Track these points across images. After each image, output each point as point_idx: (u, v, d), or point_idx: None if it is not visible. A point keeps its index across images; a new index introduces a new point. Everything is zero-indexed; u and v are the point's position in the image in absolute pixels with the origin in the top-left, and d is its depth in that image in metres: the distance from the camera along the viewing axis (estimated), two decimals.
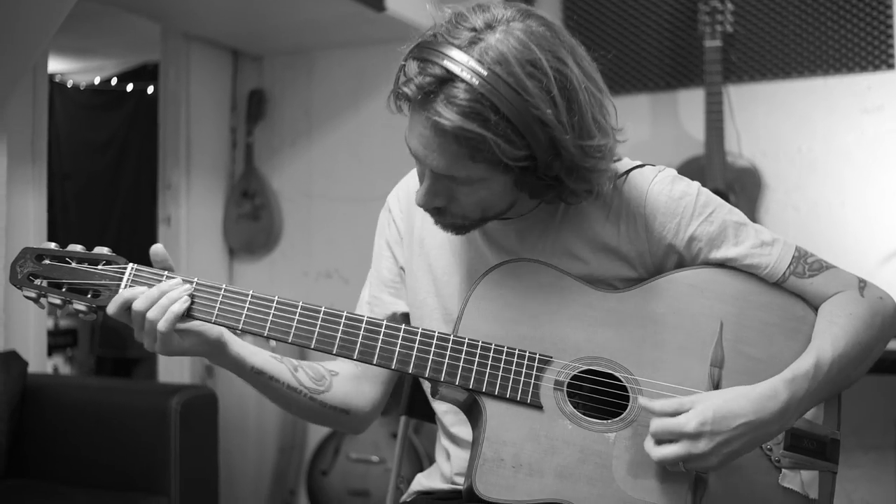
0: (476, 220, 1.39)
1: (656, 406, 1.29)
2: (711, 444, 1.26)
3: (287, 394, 1.50)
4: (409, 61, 1.28)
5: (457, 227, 1.41)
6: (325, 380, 1.55)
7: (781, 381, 1.31)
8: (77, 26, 4.09)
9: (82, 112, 5.81)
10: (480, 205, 1.35)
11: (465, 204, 1.35)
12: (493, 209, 1.38)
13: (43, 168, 3.27)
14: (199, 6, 3.71)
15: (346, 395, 1.57)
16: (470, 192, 1.33)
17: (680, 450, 1.26)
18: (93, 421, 2.79)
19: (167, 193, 4.13)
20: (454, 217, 1.38)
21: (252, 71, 4.43)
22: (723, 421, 1.26)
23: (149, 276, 1.38)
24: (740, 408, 1.28)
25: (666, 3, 3.58)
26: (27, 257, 1.40)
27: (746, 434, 1.27)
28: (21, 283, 1.40)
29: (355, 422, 1.61)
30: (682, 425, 1.26)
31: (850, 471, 3.17)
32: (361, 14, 3.55)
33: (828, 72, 3.36)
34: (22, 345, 3.05)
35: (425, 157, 1.30)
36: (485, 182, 1.31)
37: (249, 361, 1.46)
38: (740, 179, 3.35)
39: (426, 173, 1.34)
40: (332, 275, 4.23)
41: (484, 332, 1.37)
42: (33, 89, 3.22)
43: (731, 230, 1.42)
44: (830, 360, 1.33)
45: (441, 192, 1.34)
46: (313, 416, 1.57)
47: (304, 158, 4.32)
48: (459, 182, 1.31)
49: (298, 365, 1.52)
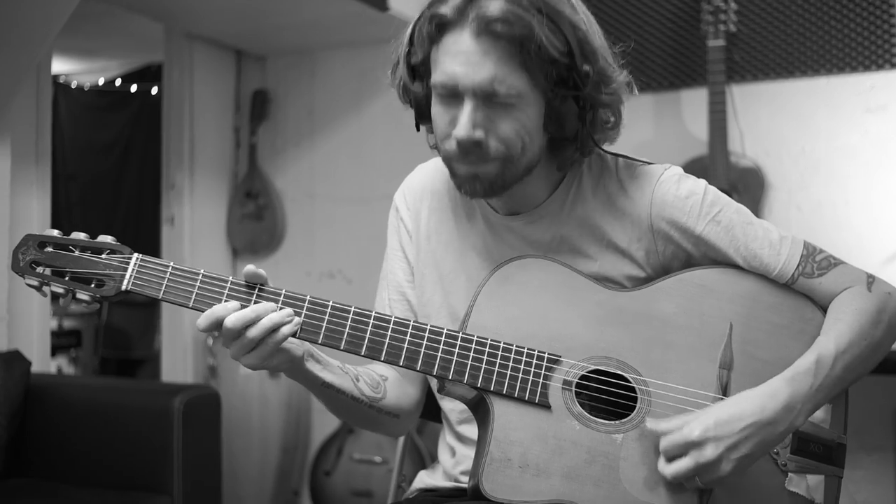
0: (516, 156, 1.35)
1: (662, 426, 1.29)
2: (719, 449, 1.26)
3: (350, 404, 1.48)
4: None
5: (490, 181, 1.36)
6: (380, 386, 1.53)
7: (781, 380, 1.32)
8: (81, 27, 4.09)
9: (87, 113, 5.82)
10: (518, 135, 1.33)
11: (504, 133, 1.33)
12: (528, 150, 1.36)
13: (47, 169, 3.27)
14: (202, 6, 3.71)
15: (398, 399, 1.56)
16: (508, 116, 1.32)
17: (689, 461, 1.26)
18: (95, 420, 2.79)
19: (171, 194, 4.14)
20: (496, 152, 1.34)
21: (255, 71, 4.43)
22: (726, 425, 1.26)
23: (155, 266, 1.34)
24: (742, 410, 1.28)
25: (669, 3, 3.58)
26: (29, 244, 1.36)
27: (753, 436, 1.27)
28: (23, 270, 1.35)
29: (403, 425, 1.61)
30: (687, 435, 1.26)
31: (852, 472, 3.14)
32: (365, 14, 3.55)
33: (831, 71, 3.36)
34: (26, 345, 3.05)
35: (466, 74, 1.29)
36: (522, 102, 1.31)
37: (321, 376, 1.42)
38: (744, 179, 3.35)
39: (465, 102, 1.32)
40: (335, 275, 4.23)
41: (492, 329, 1.37)
42: (37, 90, 3.22)
43: (739, 230, 1.42)
44: (834, 357, 1.33)
45: (480, 121, 1.32)
46: (367, 422, 1.56)
47: (308, 158, 4.33)
48: (499, 102, 1.31)
49: (358, 374, 1.50)
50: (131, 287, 1.34)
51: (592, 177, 1.47)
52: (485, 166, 1.35)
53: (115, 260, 1.35)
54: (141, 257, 1.35)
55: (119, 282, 1.34)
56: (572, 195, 1.46)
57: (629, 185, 1.44)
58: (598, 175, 1.47)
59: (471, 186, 1.37)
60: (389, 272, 1.63)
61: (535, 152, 1.38)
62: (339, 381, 1.45)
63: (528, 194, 1.46)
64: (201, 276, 1.35)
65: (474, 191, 1.38)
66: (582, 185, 1.46)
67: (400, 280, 1.61)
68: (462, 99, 1.32)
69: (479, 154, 1.34)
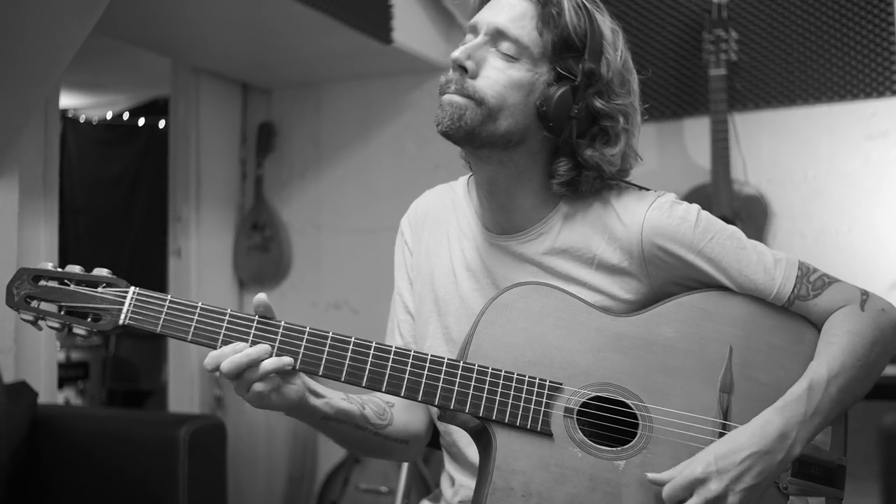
0: (491, 107, 1.38)
1: (664, 475, 1.30)
2: (723, 482, 1.27)
3: (353, 433, 1.47)
4: None
5: (460, 120, 1.38)
6: (386, 413, 1.52)
7: (773, 410, 1.33)
8: (89, 62, 4.14)
9: (95, 146, 5.87)
10: (504, 87, 1.38)
11: (491, 79, 1.38)
12: (509, 113, 1.39)
13: (54, 202, 3.30)
14: (208, 40, 3.76)
15: (406, 425, 1.56)
16: (504, 67, 1.38)
17: (696, 501, 1.27)
18: (101, 450, 2.79)
19: (177, 226, 4.16)
20: (474, 90, 1.38)
21: (261, 104, 4.47)
22: (725, 458, 1.28)
23: (153, 300, 1.33)
24: (738, 444, 1.29)
25: (671, 33, 3.61)
26: (24, 278, 1.33)
27: (754, 466, 1.28)
28: (18, 305, 1.33)
29: (412, 451, 1.60)
30: (689, 475, 1.28)
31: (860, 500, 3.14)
32: (369, 46, 3.59)
33: (832, 98, 3.38)
34: (33, 376, 3.06)
35: (487, 15, 1.41)
36: (523, 59, 1.38)
37: (322, 411, 1.41)
38: (747, 207, 3.36)
39: (479, 36, 1.41)
40: (341, 306, 4.24)
41: (493, 358, 1.37)
42: (45, 123, 3.25)
43: (733, 256, 1.42)
44: (826, 381, 1.34)
45: (477, 56, 1.40)
46: (375, 451, 1.55)
47: (313, 190, 4.35)
48: (503, 51, 1.38)
49: (364, 402, 1.49)
50: (129, 321, 1.33)
51: (585, 201, 1.48)
52: (458, 98, 1.38)
53: (112, 293, 1.34)
54: (138, 291, 1.34)
55: (116, 316, 1.33)
56: (565, 218, 1.47)
57: (621, 210, 1.45)
58: (591, 199, 1.48)
59: (442, 115, 1.39)
60: (397, 293, 1.65)
61: (518, 121, 1.40)
62: (341, 414, 1.44)
63: (522, 214, 1.47)
64: (199, 308, 1.33)
65: (444, 122, 1.39)
66: (575, 208, 1.47)
67: (406, 300, 1.63)
68: (477, 35, 1.41)
69: (460, 83, 1.39)
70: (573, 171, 1.42)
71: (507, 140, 1.40)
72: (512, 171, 1.45)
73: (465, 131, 1.39)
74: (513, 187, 1.46)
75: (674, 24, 3.60)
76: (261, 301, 1.34)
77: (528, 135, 1.41)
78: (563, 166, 1.42)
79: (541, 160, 1.45)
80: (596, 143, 1.42)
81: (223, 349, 1.30)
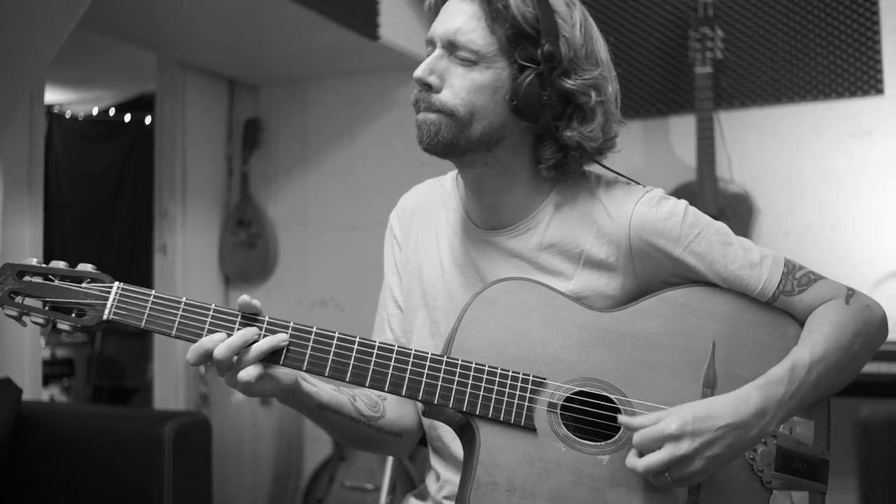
0: (461, 117, 1.39)
1: (636, 421, 1.30)
2: (694, 444, 1.27)
3: (347, 424, 1.49)
4: None
5: (438, 135, 1.40)
6: (378, 405, 1.54)
7: (754, 386, 1.33)
8: (74, 57, 4.12)
9: (80, 142, 5.85)
10: (469, 94, 1.38)
11: (455, 88, 1.38)
12: (481, 116, 1.39)
13: (39, 198, 3.28)
14: (194, 36, 3.75)
15: (399, 418, 1.57)
16: (466, 74, 1.38)
17: (664, 454, 1.27)
18: (85, 447, 2.78)
19: (163, 222, 4.15)
20: (441, 104, 1.39)
21: (248, 100, 4.46)
22: (703, 422, 1.28)
23: (138, 295, 1.33)
24: (718, 411, 1.30)
25: (656, 31, 3.62)
26: (7, 274, 1.33)
27: (727, 436, 1.28)
28: (2, 301, 1.32)
29: (406, 444, 1.62)
30: (664, 428, 1.27)
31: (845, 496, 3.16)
32: (355, 43, 3.59)
33: (817, 97, 3.39)
34: (17, 372, 3.04)
35: (439, 25, 1.41)
36: (483, 63, 1.38)
37: (316, 398, 1.43)
38: (732, 205, 3.37)
39: (435, 49, 1.41)
40: (326, 303, 4.24)
41: (477, 353, 1.37)
42: (30, 119, 3.23)
43: (719, 252, 1.43)
44: (808, 365, 1.35)
45: (438, 69, 1.40)
46: (369, 443, 1.56)
47: (300, 186, 4.35)
48: (461, 56, 1.38)
49: (355, 394, 1.51)
50: (113, 316, 1.33)
51: (573, 194, 1.48)
52: (430, 115, 1.40)
53: (96, 289, 1.33)
54: (122, 286, 1.34)
55: (100, 311, 1.32)
56: (553, 212, 1.48)
57: (609, 204, 1.46)
58: (579, 193, 1.49)
59: (420, 134, 1.42)
60: (386, 287, 1.65)
61: (492, 121, 1.40)
62: (334, 403, 1.46)
63: (510, 211, 1.48)
64: (183, 304, 1.33)
65: (424, 140, 1.41)
66: (563, 202, 1.48)
67: (396, 294, 1.63)
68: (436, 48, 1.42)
69: (427, 101, 1.40)
70: (559, 154, 1.43)
71: (487, 141, 1.41)
72: (498, 170, 1.45)
73: (444, 145, 1.40)
74: (501, 184, 1.46)
75: (660, 22, 3.61)
76: (245, 302, 1.34)
77: (505, 131, 1.42)
78: (548, 150, 1.43)
79: (525, 152, 1.45)
80: (573, 122, 1.41)
81: (202, 340, 1.30)
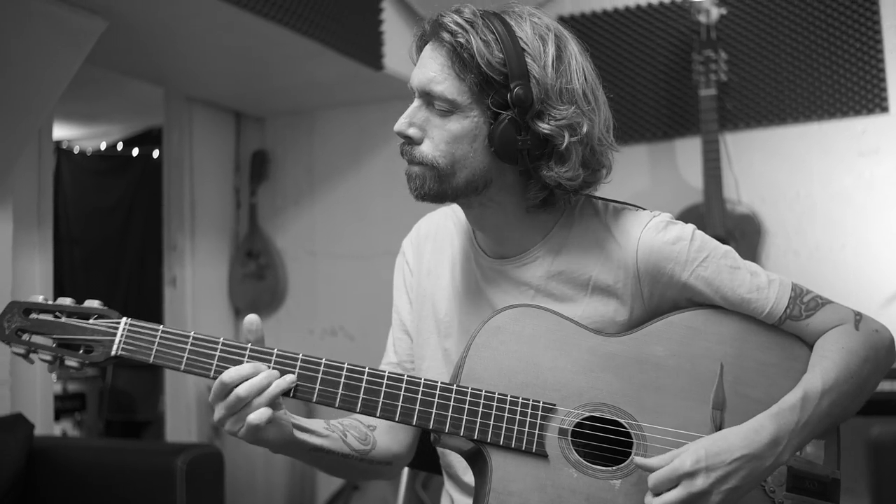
0: (442, 168, 1.39)
1: (652, 462, 1.30)
2: (709, 480, 1.26)
3: (340, 462, 1.48)
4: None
5: (426, 185, 1.41)
6: (368, 438, 1.53)
7: (766, 416, 1.33)
8: (82, 92, 4.16)
9: (89, 177, 5.89)
10: (448, 144, 1.38)
11: (434, 140, 1.38)
12: (464, 165, 1.39)
13: (49, 232, 3.30)
14: (200, 69, 3.78)
15: (389, 448, 1.57)
16: (443, 125, 1.38)
17: (680, 492, 1.26)
18: (98, 482, 2.78)
19: (172, 255, 4.16)
20: (422, 156, 1.39)
21: (254, 132, 4.49)
22: (717, 456, 1.28)
23: (146, 331, 1.33)
24: (731, 444, 1.29)
25: (660, 54, 3.63)
26: (14, 312, 1.32)
27: (742, 469, 1.28)
28: (9, 338, 1.32)
29: (395, 470, 1.61)
30: (678, 467, 1.27)
31: None
32: (360, 73, 3.61)
33: (822, 116, 3.40)
34: (29, 408, 3.05)
35: (415, 75, 1.40)
36: (459, 112, 1.37)
37: (310, 444, 1.42)
38: (740, 226, 3.37)
39: (413, 101, 1.41)
40: (336, 332, 4.24)
41: (486, 381, 1.37)
42: (38, 154, 3.26)
43: (727, 275, 1.43)
44: (820, 393, 1.35)
45: (418, 121, 1.40)
46: (360, 474, 1.56)
47: (308, 217, 4.36)
48: (437, 107, 1.38)
49: (345, 429, 1.50)
50: (121, 352, 1.32)
51: (581, 222, 1.49)
52: (414, 168, 1.41)
53: (104, 325, 1.33)
54: (130, 321, 1.34)
55: (108, 347, 1.32)
56: (560, 240, 1.48)
57: (616, 230, 1.46)
58: (586, 219, 1.49)
59: (409, 185, 1.43)
60: (395, 312, 1.66)
61: (475, 168, 1.40)
62: (327, 444, 1.45)
63: (516, 242, 1.48)
64: (192, 338, 1.33)
65: (413, 192, 1.43)
66: (571, 230, 1.48)
67: (404, 319, 1.64)
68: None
69: (410, 154, 1.41)
70: (544, 192, 1.42)
71: (475, 186, 1.41)
72: (495, 209, 1.46)
73: (432, 195, 1.41)
74: (501, 221, 1.47)
75: (663, 45, 3.62)
76: (252, 321, 1.34)
77: (492, 174, 1.41)
78: (533, 190, 1.42)
79: (517, 191, 1.44)
80: (551, 162, 1.39)
81: (224, 375, 1.28)
